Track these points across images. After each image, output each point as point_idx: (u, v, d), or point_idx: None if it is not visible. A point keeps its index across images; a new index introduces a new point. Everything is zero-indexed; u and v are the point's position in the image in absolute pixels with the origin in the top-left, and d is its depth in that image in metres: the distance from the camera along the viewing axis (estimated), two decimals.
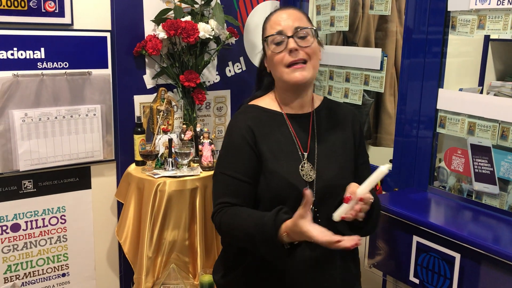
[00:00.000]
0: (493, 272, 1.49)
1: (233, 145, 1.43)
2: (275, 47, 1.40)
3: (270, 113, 1.47)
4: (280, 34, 1.39)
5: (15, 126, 2.11)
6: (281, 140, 1.43)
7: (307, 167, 1.41)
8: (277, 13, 1.44)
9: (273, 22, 1.43)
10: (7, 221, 2.22)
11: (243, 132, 1.41)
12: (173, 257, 2.24)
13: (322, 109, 1.53)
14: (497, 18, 1.68)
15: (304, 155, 1.43)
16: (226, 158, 1.43)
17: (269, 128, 1.44)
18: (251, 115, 1.46)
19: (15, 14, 2.07)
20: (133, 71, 2.41)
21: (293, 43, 1.38)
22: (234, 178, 1.38)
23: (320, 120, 1.50)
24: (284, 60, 1.39)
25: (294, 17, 1.41)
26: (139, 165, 2.36)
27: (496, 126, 1.71)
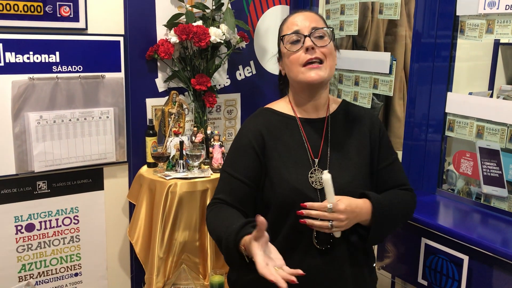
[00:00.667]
0: (501, 274, 1.50)
1: (238, 146, 1.45)
2: (291, 45, 1.40)
3: (282, 116, 1.46)
4: (297, 33, 1.39)
5: (30, 128, 2.16)
6: (291, 146, 1.41)
7: (318, 174, 1.39)
8: (294, 15, 1.45)
9: (290, 23, 1.43)
10: (22, 221, 2.27)
11: (251, 137, 1.41)
12: (184, 257, 2.27)
13: (339, 113, 1.50)
14: (505, 22, 1.69)
15: (315, 161, 1.40)
16: (230, 157, 1.46)
17: (280, 132, 1.43)
18: (264, 119, 1.46)
19: (31, 19, 2.12)
20: (146, 75, 2.45)
21: (309, 42, 1.37)
22: (232, 176, 1.40)
23: (335, 125, 1.47)
24: (301, 59, 1.37)
25: (311, 18, 1.41)
26: (151, 167, 2.40)
27: (505, 129, 1.72)
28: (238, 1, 2.61)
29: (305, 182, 1.37)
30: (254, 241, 1.14)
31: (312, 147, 1.42)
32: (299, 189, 1.35)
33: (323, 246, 1.37)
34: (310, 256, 1.37)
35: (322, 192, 1.36)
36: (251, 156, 1.40)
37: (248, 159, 1.40)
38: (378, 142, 1.49)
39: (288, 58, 1.41)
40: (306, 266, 1.36)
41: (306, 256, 1.37)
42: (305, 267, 1.34)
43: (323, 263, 1.38)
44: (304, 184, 1.37)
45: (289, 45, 1.40)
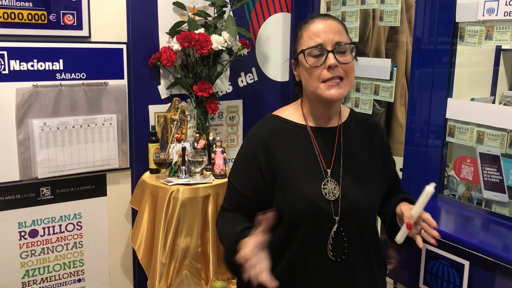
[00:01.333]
0: (502, 279, 1.50)
1: (243, 156, 1.44)
2: (314, 60, 1.32)
3: (292, 125, 1.41)
4: (320, 48, 1.31)
5: (34, 134, 2.18)
6: (303, 155, 1.37)
7: (330, 185, 1.35)
8: (317, 23, 1.35)
9: (312, 33, 1.33)
10: (26, 227, 2.28)
11: (256, 148, 1.38)
12: (186, 263, 2.27)
13: (350, 122, 1.46)
14: (504, 28, 1.70)
15: (328, 172, 1.36)
16: (236, 167, 1.46)
17: (290, 141, 1.38)
18: (272, 127, 1.41)
19: (35, 27, 2.15)
20: (148, 82, 2.47)
21: (332, 59, 1.29)
22: (236, 190, 1.42)
23: (347, 134, 1.43)
24: (322, 76, 1.31)
25: (335, 30, 1.33)
26: (153, 173, 2.42)
27: (505, 135, 1.73)
28: (240, 9, 2.63)
29: (318, 194, 1.33)
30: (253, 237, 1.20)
31: (324, 158, 1.38)
32: (312, 200, 1.32)
33: (338, 257, 1.35)
34: (323, 266, 1.35)
35: (335, 203, 1.34)
36: (254, 168, 1.38)
37: (250, 172, 1.39)
38: (387, 153, 1.51)
39: (307, 71, 1.34)
40: (319, 277, 1.35)
41: (320, 267, 1.35)
42: (319, 278, 1.35)
43: (337, 274, 1.36)
44: (317, 196, 1.33)
45: (312, 60, 1.32)
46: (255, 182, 1.38)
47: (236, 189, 1.41)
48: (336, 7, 2.52)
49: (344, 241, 1.34)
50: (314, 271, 1.35)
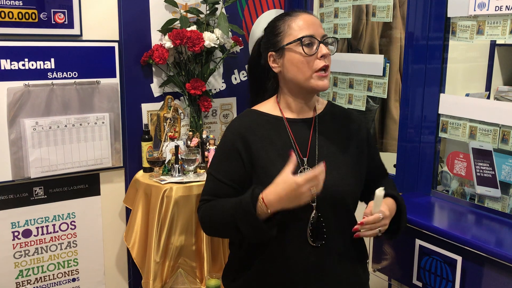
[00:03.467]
0: (494, 274, 1.50)
1: (222, 149, 1.45)
2: (308, 49, 1.35)
3: (269, 117, 1.45)
4: (312, 37, 1.36)
5: (26, 134, 2.17)
6: (279, 145, 1.41)
7: None
8: (303, 15, 1.40)
9: (302, 24, 1.37)
10: (19, 227, 2.28)
11: (235, 138, 1.41)
12: (180, 261, 2.27)
13: (326, 114, 1.50)
14: (495, 23, 1.70)
15: (304, 160, 1.41)
16: (215, 159, 1.46)
17: (267, 132, 1.42)
18: (249, 119, 1.45)
19: (26, 26, 2.14)
20: (141, 80, 2.46)
21: (325, 49, 1.36)
22: (217, 179, 1.41)
23: (322, 125, 1.47)
24: (315, 65, 1.36)
25: (319, 24, 1.41)
26: (147, 171, 2.41)
27: (497, 130, 1.73)
28: (232, 6, 2.62)
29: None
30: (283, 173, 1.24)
31: (300, 147, 1.42)
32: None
33: (317, 243, 1.38)
34: (304, 252, 1.37)
35: None
36: (235, 158, 1.40)
37: (230, 162, 1.41)
38: (366, 142, 1.51)
39: (299, 62, 1.37)
40: (300, 263, 1.37)
41: (300, 253, 1.37)
42: (299, 264, 1.37)
43: (317, 260, 1.38)
44: None
45: (306, 49, 1.35)
46: (237, 171, 1.40)
47: (218, 179, 1.41)
48: (329, 3, 2.51)
49: (323, 227, 1.36)
50: (295, 257, 1.37)
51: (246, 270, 1.45)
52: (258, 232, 1.28)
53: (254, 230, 1.28)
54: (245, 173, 1.40)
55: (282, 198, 1.24)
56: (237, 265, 1.50)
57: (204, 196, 1.45)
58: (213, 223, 1.41)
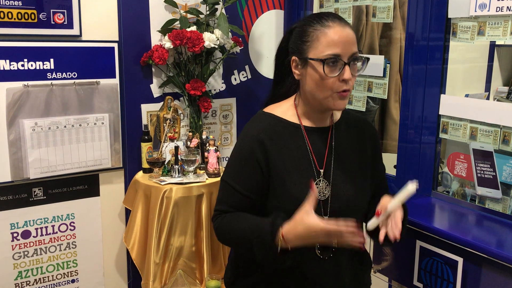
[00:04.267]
0: (495, 276, 1.49)
1: (240, 156, 1.38)
2: (329, 70, 1.27)
3: (286, 124, 1.39)
4: (338, 58, 1.27)
5: (25, 135, 2.16)
6: (296, 155, 1.36)
7: (322, 185, 1.35)
8: (336, 29, 1.28)
9: (331, 40, 1.27)
10: (18, 228, 2.27)
11: (253, 146, 1.34)
12: (180, 263, 2.26)
13: (342, 122, 1.46)
14: (496, 24, 1.70)
15: (320, 172, 1.36)
16: (232, 167, 1.39)
17: (284, 140, 1.36)
18: (265, 125, 1.38)
19: (25, 27, 2.13)
20: (140, 81, 2.46)
21: (348, 74, 1.27)
22: (235, 190, 1.36)
23: (339, 134, 1.43)
24: (335, 86, 1.28)
25: (352, 41, 1.29)
26: (146, 172, 2.40)
27: (498, 130, 1.73)
28: (232, 6, 2.62)
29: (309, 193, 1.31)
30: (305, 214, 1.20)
31: (317, 158, 1.37)
32: (302, 200, 1.30)
33: (325, 255, 1.36)
34: (311, 265, 1.35)
35: (325, 204, 1.34)
36: (254, 167, 1.34)
37: (251, 171, 1.34)
38: (375, 153, 1.49)
39: (319, 79, 1.29)
40: (307, 275, 1.36)
41: (308, 266, 1.36)
42: (305, 275, 1.35)
43: (325, 272, 1.36)
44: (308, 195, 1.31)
45: (328, 69, 1.27)
46: (255, 180, 1.35)
47: (235, 189, 1.36)
48: (329, 3, 2.51)
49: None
50: (303, 269, 1.35)
51: (250, 275, 1.44)
52: (273, 262, 1.26)
53: (270, 260, 1.26)
54: (263, 182, 1.35)
55: (303, 238, 1.21)
56: (241, 269, 1.48)
57: (219, 206, 1.40)
58: (229, 240, 1.40)
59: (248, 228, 1.30)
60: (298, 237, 1.21)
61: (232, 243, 1.43)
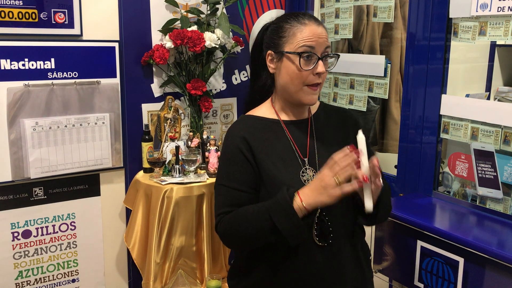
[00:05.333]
0: (496, 276, 1.49)
1: (227, 156, 1.41)
2: (304, 63, 1.34)
3: (266, 121, 1.45)
4: (313, 51, 1.34)
5: (26, 134, 2.16)
6: (279, 148, 1.40)
7: (309, 173, 1.39)
8: (311, 26, 1.36)
9: (306, 35, 1.35)
10: (19, 227, 2.27)
11: (237, 143, 1.39)
12: (181, 262, 2.26)
13: (320, 114, 1.51)
14: (498, 24, 1.70)
15: (305, 161, 1.41)
16: (223, 169, 1.42)
17: (266, 136, 1.41)
18: (246, 125, 1.44)
19: (26, 26, 2.13)
20: (141, 80, 2.45)
21: (322, 67, 1.34)
22: (231, 188, 1.37)
23: (318, 124, 1.48)
24: (308, 79, 1.35)
25: (325, 37, 1.37)
26: (147, 172, 2.40)
27: (499, 131, 1.72)
28: (233, 6, 2.62)
29: (298, 181, 1.37)
30: None
31: (300, 147, 1.42)
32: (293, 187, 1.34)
33: (324, 243, 1.37)
34: (310, 253, 1.37)
35: None
36: (243, 163, 1.38)
37: (241, 167, 1.38)
38: None
39: (293, 72, 1.36)
40: (307, 263, 1.37)
41: (307, 254, 1.37)
42: (307, 265, 1.37)
43: (324, 260, 1.38)
44: (298, 183, 1.36)
45: (303, 61, 1.34)
46: (249, 174, 1.38)
47: (232, 188, 1.38)
48: (330, 3, 2.51)
49: (328, 226, 1.36)
50: (302, 258, 1.36)
51: (253, 271, 1.44)
52: (297, 230, 1.26)
53: (295, 228, 1.25)
54: (255, 175, 1.37)
55: (316, 189, 1.24)
56: (243, 266, 1.49)
57: (221, 210, 1.39)
58: (242, 232, 1.34)
59: (263, 208, 1.30)
60: (312, 190, 1.25)
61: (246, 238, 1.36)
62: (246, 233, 1.34)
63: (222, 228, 1.37)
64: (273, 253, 1.37)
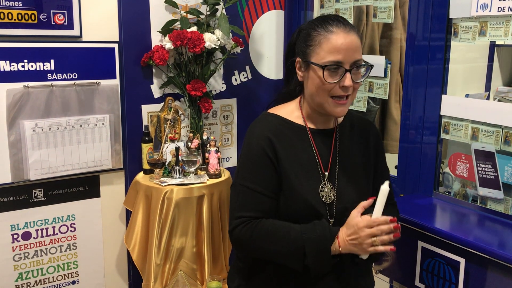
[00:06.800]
0: (498, 276, 1.49)
1: (253, 156, 1.34)
2: (329, 75, 1.27)
3: (292, 125, 1.39)
4: (339, 65, 1.27)
5: (26, 136, 2.15)
6: (303, 157, 1.35)
7: (327, 188, 1.35)
8: (339, 35, 1.27)
9: (333, 47, 1.26)
10: (18, 229, 2.26)
11: (263, 144, 1.32)
12: (181, 264, 2.26)
13: (346, 124, 1.46)
14: (498, 24, 1.69)
15: (325, 175, 1.36)
16: (246, 169, 1.35)
17: (291, 142, 1.36)
18: (271, 125, 1.37)
19: (25, 27, 2.12)
20: (141, 81, 2.45)
21: (349, 81, 1.26)
22: (254, 191, 1.31)
23: (343, 136, 1.43)
24: (333, 92, 1.29)
25: (355, 48, 1.28)
26: (147, 173, 2.40)
27: (500, 131, 1.72)
28: (232, 7, 2.61)
29: (316, 196, 1.33)
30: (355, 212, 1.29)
31: (322, 160, 1.37)
32: (309, 202, 1.32)
33: None
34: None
35: (330, 206, 1.34)
36: (269, 165, 1.32)
37: (266, 170, 1.32)
38: (377, 154, 1.49)
39: (319, 83, 1.30)
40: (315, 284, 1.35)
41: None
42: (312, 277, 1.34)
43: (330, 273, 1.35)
44: (315, 198, 1.33)
45: (327, 74, 1.27)
46: (273, 178, 1.33)
47: (257, 191, 1.32)
48: (329, 4, 2.51)
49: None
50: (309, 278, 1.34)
51: (255, 274, 1.43)
52: (325, 267, 1.29)
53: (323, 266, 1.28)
54: (278, 180, 1.33)
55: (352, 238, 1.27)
56: (245, 269, 1.47)
57: (242, 212, 1.32)
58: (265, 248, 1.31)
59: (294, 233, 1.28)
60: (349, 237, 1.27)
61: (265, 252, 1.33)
62: (270, 251, 1.31)
63: (242, 235, 1.32)
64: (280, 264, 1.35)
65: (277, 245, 1.29)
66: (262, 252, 1.33)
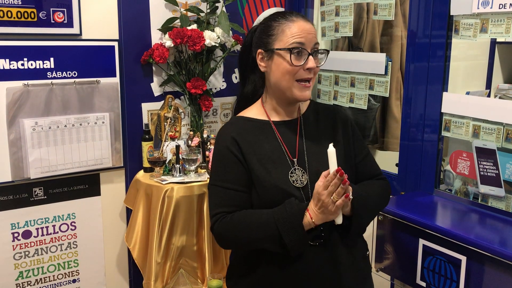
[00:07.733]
0: (499, 274, 1.49)
1: (219, 157, 1.42)
2: (295, 58, 1.36)
3: (256, 122, 1.46)
4: (303, 47, 1.36)
5: (25, 134, 2.15)
6: (268, 149, 1.41)
7: (298, 173, 1.40)
8: (299, 22, 1.38)
9: (295, 31, 1.37)
10: (19, 228, 2.26)
11: (228, 144, 1.40)
12: (182, 262, 2.26)
13: (310, 113, 1.52)
14: (499, 21, 1.69)
15: (294, 161, 1.42)
16: (215, 170, 1.43)
17: (256, 137, 1.43)
18: (235, 126, 1.45)
19: (25, 25, 2.12)
20: (141, 79, 2.45)
21: (312, 62, 1.36)
22: (225, 188, 1.38)
23: (308, 124, 1.49)
24: (298, 74, 1.37)
25: (314, 32, 1.39)
26: (147, 171, 2.39)
27: (501, 128, 1.72)
28: (232, 4, 2.61)
29: (286, 181, 1.38)
30: None
31: (289, 148, 1.43)
32: (281, 188, 1.37)
33: (315, 241, 1.38)
34: (306, 254, 1.37)
35: (305, 190, 1.39)
36: (235, 162, 1.39)
37: (233, 166, 1.39)
38: (351, 136, 1.51)
39: (284, 68, 1.37)
40: (301, 263, 1.37)
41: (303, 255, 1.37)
42: (300, 265, 1.37)
43: (318, 258, 1.38)
44: (286, 183, 1.38)
45: (294, 57, 1.35)
46: (242, 174, 1.39)
47: (227, 188, 1.39)
48: (330, 1, 2.50)
49: (319, 225, 1.35)
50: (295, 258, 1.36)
51: (251, 271, 1.44)
52: (302, 243, 1.31)
53: (300, 242, 1.30)
54: (247, 175, 1.39)
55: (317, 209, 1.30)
56: (241, 267, 1.49)
57: (217, 209, 1.39)
58: (242, 237, 1.36)
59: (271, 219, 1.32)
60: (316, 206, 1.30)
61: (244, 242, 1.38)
62: (247, 238, 1.37)
63: (220, 229, 1.38)
64: (270, 254, 1.37)
65: (252, 232, 1.35)
66: (242, 242, 1.40)
